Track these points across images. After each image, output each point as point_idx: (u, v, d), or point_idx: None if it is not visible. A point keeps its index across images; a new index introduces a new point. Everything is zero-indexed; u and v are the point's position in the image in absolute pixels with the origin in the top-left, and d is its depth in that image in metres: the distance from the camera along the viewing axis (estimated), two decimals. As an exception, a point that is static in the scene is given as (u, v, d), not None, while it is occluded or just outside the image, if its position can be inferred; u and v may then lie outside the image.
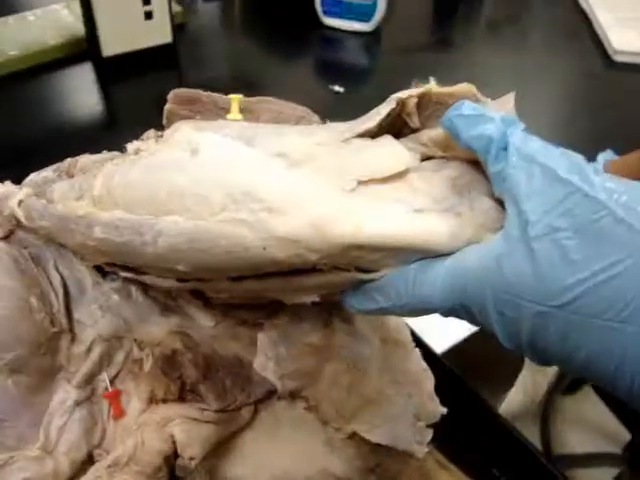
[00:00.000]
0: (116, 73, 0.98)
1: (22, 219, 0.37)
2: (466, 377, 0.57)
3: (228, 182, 0.30)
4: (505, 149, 0.28)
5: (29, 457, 0.36)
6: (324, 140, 0.32)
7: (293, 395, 0.42)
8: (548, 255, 0.25)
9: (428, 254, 0.30)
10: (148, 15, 0.97)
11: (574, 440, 0.69)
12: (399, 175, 0.30)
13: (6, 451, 0.36)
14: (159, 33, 1.00)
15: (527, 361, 0.64)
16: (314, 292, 0.38)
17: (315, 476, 0.42)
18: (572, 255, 0.25)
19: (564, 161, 0.27)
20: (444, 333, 0.66)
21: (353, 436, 0.43)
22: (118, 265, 0.37)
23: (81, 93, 0.97)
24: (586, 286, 0.24)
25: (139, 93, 0.97)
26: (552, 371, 0.68)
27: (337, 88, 0.98)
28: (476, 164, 0.31)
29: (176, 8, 1.07)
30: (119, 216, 0.32)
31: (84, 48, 1.01)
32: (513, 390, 0.69)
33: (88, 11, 0.93)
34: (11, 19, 1.05)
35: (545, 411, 0.69)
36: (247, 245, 0.30)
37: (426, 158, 0.32)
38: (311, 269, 0.31)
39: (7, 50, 0.97)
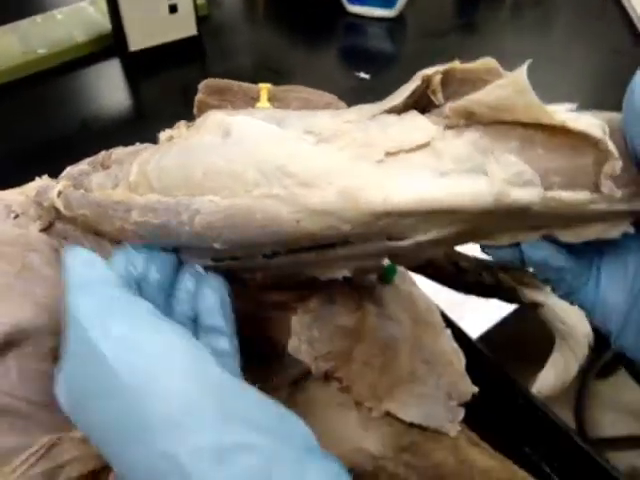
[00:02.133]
0: (143, 67, 1.00)
1: (61, 208, 0.38)
2: (498, 359, 0.57)
3: (260, 159, 0.31)
4: None
5: (75, 439, 0.37)
6: (352, 118, 0.33)
7: (327, 376, 0.43)
8: None
9: (458, 215, 0.30)
10: (173, 9, 0.98)
11: (607, 423, 0.69)
12: (425, 145, 0.31)
13: (54, 432, 0.38)
14: (184, 26, 1.01)
15: (558, 342, 0.64)
16: (347, 264, 0.38)
17: (350, 455, 0.43)
18: None
19: None
20: (478, 318, 0.66)
21: (386, 415, 0.44)
22: None
23: (109, 88, 0.99)
24: None
25: (166, 85, 0.98)
26: (583, 354, 0.68)
27: (362, 75, 0.98)
28: (495, 126, 0.31)
29: (200, 0, 1.08)
30: (156, 199, 0.33)
31: (111, 44, 1.02)
32: (543, 372, 0.69)
33: (114, 7, 0.95)
34: (39, 18, 1.07)
35: (578, 394, 0.69)
36: (281, 219, 0.30)
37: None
38: (343, 242, 0.32)
39: (36, 48, 0.99)
